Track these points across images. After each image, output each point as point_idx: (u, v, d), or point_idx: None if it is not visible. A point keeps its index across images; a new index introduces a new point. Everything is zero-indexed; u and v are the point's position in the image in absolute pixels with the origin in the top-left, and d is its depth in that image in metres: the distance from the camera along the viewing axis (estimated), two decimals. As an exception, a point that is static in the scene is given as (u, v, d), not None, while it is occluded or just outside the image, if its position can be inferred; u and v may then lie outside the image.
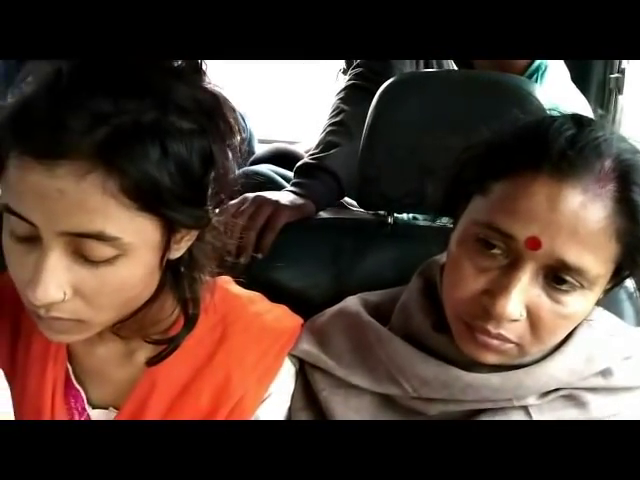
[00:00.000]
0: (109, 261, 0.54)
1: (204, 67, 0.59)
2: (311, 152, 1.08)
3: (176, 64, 0.57)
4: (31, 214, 0.52)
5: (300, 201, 0.94)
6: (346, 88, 1.19)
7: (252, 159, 1.54)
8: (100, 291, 0.56)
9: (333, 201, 1.07)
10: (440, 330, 0.65)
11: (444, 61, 1.25)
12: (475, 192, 0.60)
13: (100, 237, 0.52)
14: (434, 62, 1.23)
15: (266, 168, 1.34)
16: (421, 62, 1.22)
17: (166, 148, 0.53)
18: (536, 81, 1.06)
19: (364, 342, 0.69)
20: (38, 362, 0.69)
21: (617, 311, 0.76)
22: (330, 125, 1.11)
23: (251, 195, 0.91)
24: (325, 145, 1.06)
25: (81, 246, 0.53)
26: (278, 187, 1.16)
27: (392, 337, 0.68)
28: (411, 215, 1.06)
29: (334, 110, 1.14)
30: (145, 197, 0.53)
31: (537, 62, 1.09)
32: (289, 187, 1.01)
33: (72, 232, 0.52)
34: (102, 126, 0.50)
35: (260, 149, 1.66)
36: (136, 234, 0.54)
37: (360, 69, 1.19)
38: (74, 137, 0.50)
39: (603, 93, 1.47)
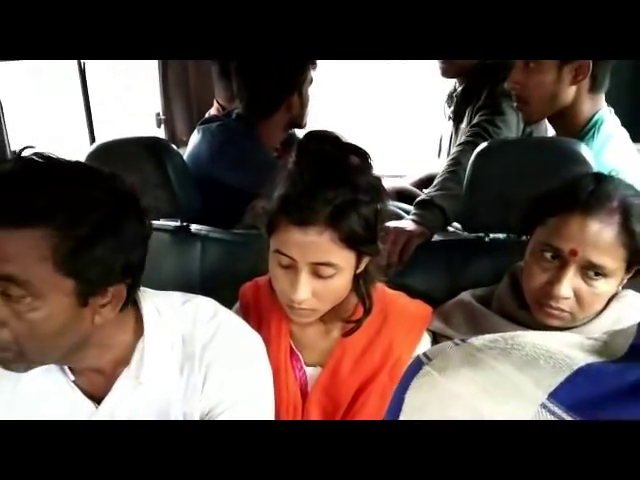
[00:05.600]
0: (331, 276, 0.96)
1: (371, 162, 1.00)
2: (428, 191, 1.46)
3: (358, 162, 0.99)
4: (293, 253, 0.94)
5: (421, 229, 1.34)
6: (464, 143, 1.55)
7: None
8: (326, 293, 0.98)
9: (441, 228, 1.45)
10: (522, 308, 1.03)
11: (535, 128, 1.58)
12: (538, 223, 0.99)
13: (329, 264, 0.94)
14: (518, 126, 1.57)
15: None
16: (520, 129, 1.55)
17: (359, 213, 0.93)
18: (593, 135, 1.33)
19: (475, 319, 1.09)
20: (275, 339, 1.10)
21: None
22: (447, 172, 1.48)
23: (391, 227, 1.30)
24: (440, 187, 1.44)
25: (317, 269, 0.95)
26: (398, 217, 1.56)
27: (493, 315, 1.07)
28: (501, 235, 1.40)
29: (452, 159, 1.51)
30: (350, 241, 0.94)
31: (594, 119, 1.35)
32: (411, 216, 1.39)
33: (315, 262, 0.94)
34: (329, 205, 0.91)
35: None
36: (344, 261, 0.96)
37: (477, 129, 1.57)
38: (316, 213, 0.91)
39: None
